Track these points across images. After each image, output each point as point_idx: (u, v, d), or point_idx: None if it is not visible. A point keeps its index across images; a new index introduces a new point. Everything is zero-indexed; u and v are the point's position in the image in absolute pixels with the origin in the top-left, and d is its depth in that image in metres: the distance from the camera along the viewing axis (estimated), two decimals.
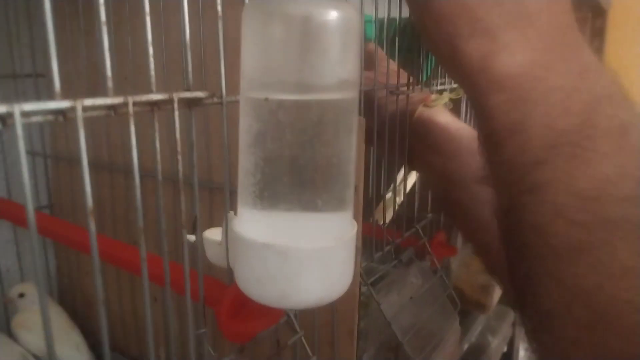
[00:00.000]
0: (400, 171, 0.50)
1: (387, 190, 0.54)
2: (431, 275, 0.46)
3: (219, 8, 0.23)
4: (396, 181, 0.53)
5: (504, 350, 0.75)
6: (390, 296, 0.40)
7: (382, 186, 0.47)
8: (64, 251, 0.59)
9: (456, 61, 0.28)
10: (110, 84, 0.19)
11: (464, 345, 0.60)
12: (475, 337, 0.66)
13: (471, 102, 0.29)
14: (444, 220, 0.54)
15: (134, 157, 0.19)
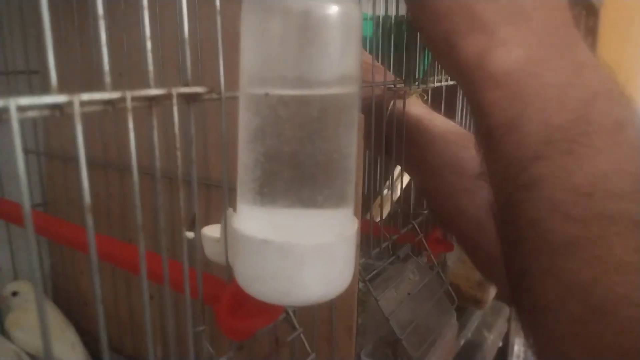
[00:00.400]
0: (396, 167, 0.50)
1: (384, 187, 0.54)
2: (428, 271, 0.46)
3: (217, 2, 0.23)
4: (392, 177, 0.53)
5: (500, 345, 0.76)
6: (387, 292, 0.40)
7: (379, 183, 0.47)
8: (58, 249, 0.59)
9: (453, 57, 0.28)
10: (108, 78, 0.19)
11: (460, 340, 0.60)
12: (472, 333, 0.66)
13: (468, 98, 0.29)
14: None
15: (132, 153, 0.19)
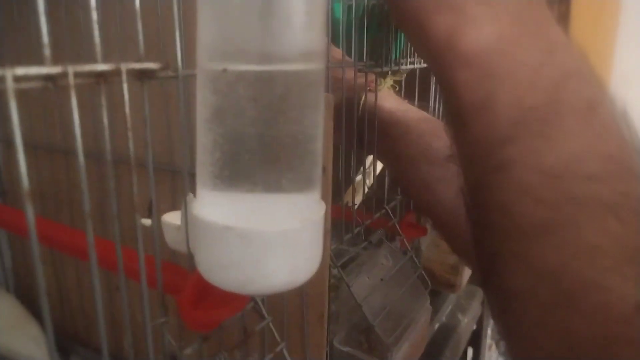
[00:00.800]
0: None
1: (357, 173, 0.54)
2: (401, 256, 0.45)
3: None
4: (365, 164, 0.53)
5: (474, 328, 0.77)
6: (360, 278, 0.39)
7: (352, 169, 0.47)
8: (19, 241, 0.56)
9: (422, 37, 0.27)
10: (47, 51, 0.17)
11: (434, 324, 0.61)
12: (446, 316, 0.67)
13: (438, 79, 0.28)
14: None
15: (77, 134, 0.17)
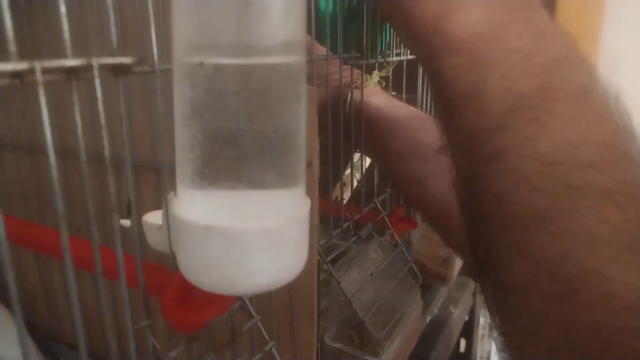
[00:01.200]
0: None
1: (346, 167, 0.53)
2: (391, 250, 0.45)
3: None
4: (354, 158, 0.52)
5: (466, 319, 0.77)
6: (350, 273, 0.39)
7: (341, 163, 0.46)
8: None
9: (408, 24, 0.26)
10: (13, 47, 0.16)
11: (426, 317, 0.60)
12: (438, 309, 0.67)
13: (425, 67, 0.28)
14: None
15: (46, 133, 0.17)
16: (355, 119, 0.41)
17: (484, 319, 0.90)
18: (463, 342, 0.83)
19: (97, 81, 0.18)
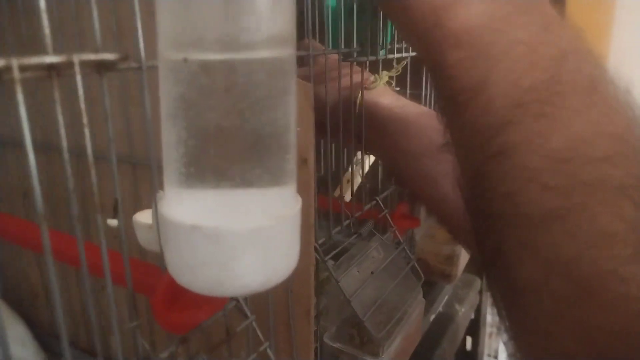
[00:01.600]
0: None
1: (349, 166, 0.53)
2: (393, 248, 0.44)
3: None
4: (356, 156, 0.52)
5: (472, 317, 0.76)
6: (350, 272, 0.38)
7: (343, 161, 0.46)
8: (5, 242, 0.55)
9: (408, 19, 0.26)
10: None
11: (430, 316, 0.60)
12: (443, 307, 0.66)
13: (427, 63, 0.27)
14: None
15: (25, 130, 0.16)
16: (364, 120, 0.41)
17: (490, 317, 0.89)
18: (469, 340, 0.82)
19: (79, 78, 0.18)
